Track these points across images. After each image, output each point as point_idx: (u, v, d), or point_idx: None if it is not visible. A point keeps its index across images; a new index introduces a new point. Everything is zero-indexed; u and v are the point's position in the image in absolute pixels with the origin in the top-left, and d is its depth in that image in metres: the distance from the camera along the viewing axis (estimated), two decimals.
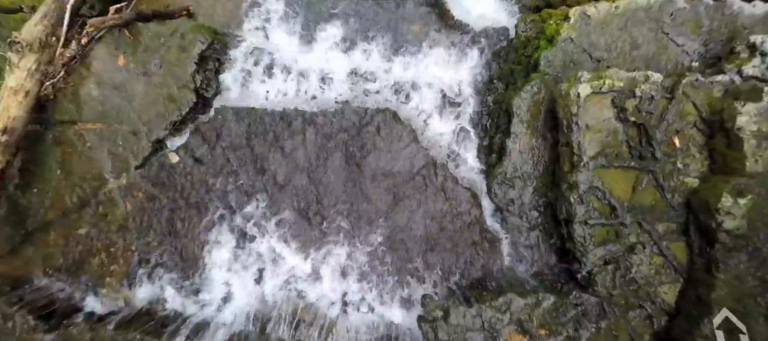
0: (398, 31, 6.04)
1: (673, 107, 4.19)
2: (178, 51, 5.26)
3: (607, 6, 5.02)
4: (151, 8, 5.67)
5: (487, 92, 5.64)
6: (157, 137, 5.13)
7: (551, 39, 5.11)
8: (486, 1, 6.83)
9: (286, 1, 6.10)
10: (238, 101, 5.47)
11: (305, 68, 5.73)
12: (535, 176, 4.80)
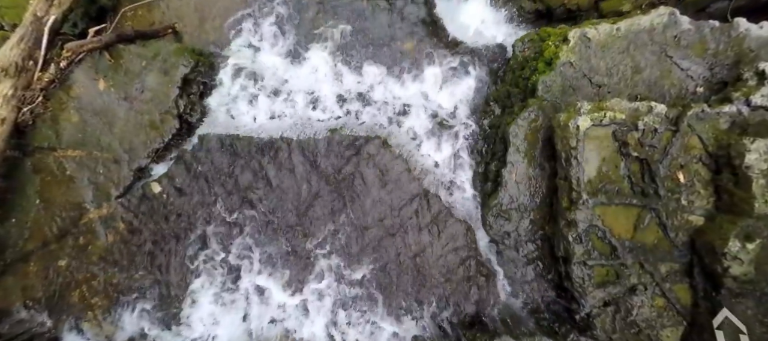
0: (390, 49, 5.82)
1: (677, 140, 3.97)
2: (160, 75, 5.05)
3: (609, 28, 4.79)
4: (133, 28, 5.46)
5: (482, 115, 5.42)
6: (139, 166, 4.94)
7: (550, 62, 4.88)
8: (483, 17, 6.64)
9: (275, 20, 5.88)
10: (224, 126, 5.27)
11: (294, 90, 5.52)
12: (532, 207, 4.60)
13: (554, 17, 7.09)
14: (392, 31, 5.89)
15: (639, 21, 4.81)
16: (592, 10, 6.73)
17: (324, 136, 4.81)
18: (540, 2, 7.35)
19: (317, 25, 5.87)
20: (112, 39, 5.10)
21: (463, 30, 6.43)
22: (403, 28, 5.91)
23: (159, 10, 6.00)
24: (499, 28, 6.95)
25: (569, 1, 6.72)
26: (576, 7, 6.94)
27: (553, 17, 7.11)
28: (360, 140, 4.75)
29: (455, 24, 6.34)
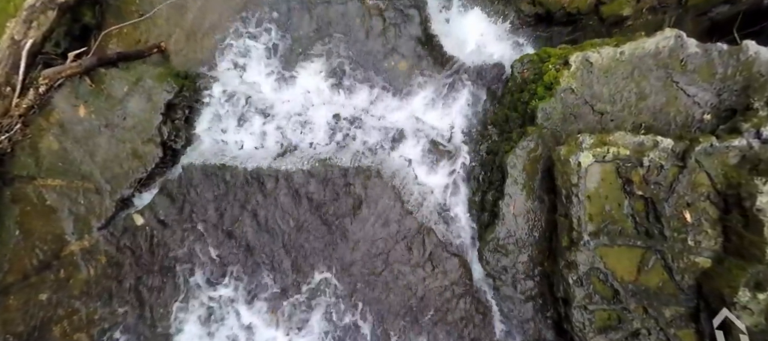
0: (384, 69, 5.60)
1: (684, 177, 3.75)
2: (142, 101, 4.84)
3: (612, 51, 4.56)
4: (116, 50, 5.25)
5: (479, 140, 5.21)
6: (121, 196, 4.74)
7: (550, 87, 4.66)
8: (480, 32, 6.41)
9: (265, 39, 5.66)
10: (210, 152, 5.06)
11: (283, 114, 5.31)
12: (531, 242, 4.39)
13: (554, 21, 6.96)
14: (386, 51, 5.67)
15: (644, 44, 4.57)
16: (592, 14, 6.62)
17: (313, 167, 4.60)
18: (539, 5, 6.93)
19: (308, 44, 5.65)
20: (93, 63, 4.89)
21: (460, 47, 6.19)
22: (397, 47, 5.68)
23: (145, 27, 5.79)
24: (498, 44, 6.72)
25: (569, 5, 6.57)
26: (576, 11, 6.64)
27: (552, 21, 6.98)
28: (351, 172, 4.55)
29: (452, 41, 6.10)
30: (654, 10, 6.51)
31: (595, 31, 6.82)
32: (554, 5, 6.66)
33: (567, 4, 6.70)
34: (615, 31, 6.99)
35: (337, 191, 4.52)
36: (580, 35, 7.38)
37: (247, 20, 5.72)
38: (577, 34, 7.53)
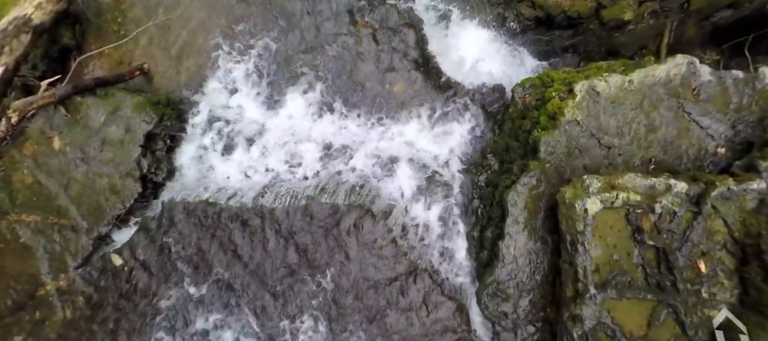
0: (378, 92, 5.30)
1: (699, 224, 3.47)
2: (120, 132, 4.56)
3: (620, 80, 4.27)
4: (93, 75, 4.96)
5: (478, 169, 4.92)
6: (99, 233, 4.49)
7: (553, 117, 4.37)
8: (479, 51, 6.11)
9: (252, 60, 5.37)
10: (194, 184, 4.79)
11: (271, 142, 5.03)
12: (533, 286, 4.12)
13: (554, 25, 6.77)
14: (380, 72, 5.37)
15: (654, 72, 4.28)
16: (592, 18, 6.41)
17: (301, 204, 4.32)
18: (540, 9, 6.71)
19: (298, 65, 5.35)
20: (68, 91, 4.61)
21: (458, 66, 5.90)
22: (392, 68, 5.38)
23: (128, 47, 5.50)
24: (498, 64, 6.42)
25: (570, 9, 6.38)
26: (576, 14, 6.43)
27: (553, 25, 6.79)
28: (341, 210, 4.27)
29: (450, 61, 5.80)
30: (655, 14, 6.37)
31: (596, 35, 6.70)
32: (555, 9, 6.45)
33: (568, 7, 6.48)
34: (616, 35, 6.65)
35: (327, 230, 4.25)
36: (581, 39, 6.90)
37: (234, 41, 5.43)
38: (577, 38, 7.09)
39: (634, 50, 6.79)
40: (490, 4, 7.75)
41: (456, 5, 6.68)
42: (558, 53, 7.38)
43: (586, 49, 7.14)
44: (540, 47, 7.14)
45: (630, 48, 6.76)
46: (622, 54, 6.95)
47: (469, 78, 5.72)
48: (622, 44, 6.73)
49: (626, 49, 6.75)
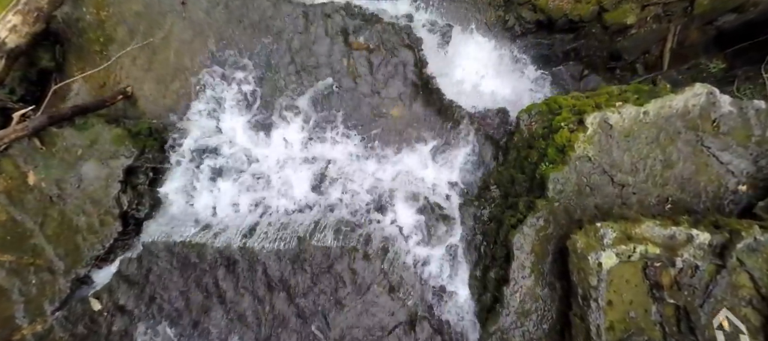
0: (375, 117, 5.00)
1: (722, 278, 3.18)
2: (98, 166, 4.27)
3: (634, 111, 3.95)
4: (70, 104, 4.66)
5: (481, 202, 4.63)
6: (77, 275, 4.21)
7: (562, 150, 4.06)
8: (481, 70, 5.81)
9: (241, 83, 5.06)
10: (179, 219, 4.50)
11: (261, 172, 4.73)
12: (540, 336, 3.84)
13: (556, 28, 6.72)
14: (376, 96, 5.06)
15: (671, 102, 3.97)
16: (594, 22, 6.38)
17: (291, 246, 4.03)
18: (541, 12, 6.64)
19: (288, 89, 5.04)
20: (43, 122, 4.31)
21: (459, 86, 5.60)
22: (389, 91, 5.07)
23: (109, 68, 5.19)
24: (501, 79, 6.14)
25: (571, 12, 6.28)
26: (579, 18, 6.37)
27: (554, 28, 6.74)
28: (334, 253, 3.98)
29: (450, 80, 5.51)
30: (659, 18, 6.23)
31: (597, 39, 6.66)
32: (556, 12, 6.34)
33: (569, 11, 6.40)
34: (618, 39, 6.53)
35: (318, 275, 3.97)
36: (583, 43, 6.81)
37: (222, 63, 5.12)
38: (579, 42, 6.84)
39: (636, 55, 6.69)
40: (491, 7, 7.57)
41: (456, 20, 6.39)
42: (560, 58, 7.15)
43: (588, 54, 6.92)
44: (541, 51, 7.08)
45: (632, 52, 6.65)
46: (625, 59, 6.76)
47: (471, 99, 5.42)
48: (624, 49, 6.60)
49: (629, 54, 6.65)
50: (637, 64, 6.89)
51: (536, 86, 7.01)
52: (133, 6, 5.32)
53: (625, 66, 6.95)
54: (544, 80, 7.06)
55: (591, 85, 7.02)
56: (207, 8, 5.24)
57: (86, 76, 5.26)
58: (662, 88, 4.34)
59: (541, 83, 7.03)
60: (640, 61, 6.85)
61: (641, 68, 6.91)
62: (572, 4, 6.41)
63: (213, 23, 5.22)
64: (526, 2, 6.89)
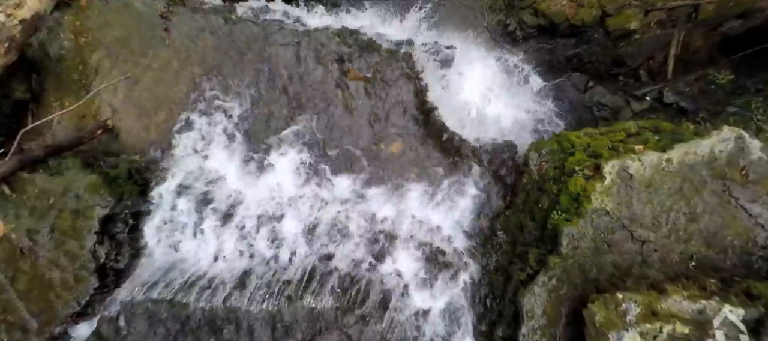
0: (372, 153, 4.67)
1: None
2: (72, 217, 3.94)
3: (656, 159, 3.61)
4: (43, 145, 4.31)
5: (488, 250, 4.30)
6: (51, 334, 3.89)
7: (577, 198, 3.73)
8: (485, 95, 5.49)
9: (229, 116, 4.73)
10: (162, 268, 4.17)
11: (250, 216, 4.40)
12: None
13: (558, 33, 6.61)
14: (374, 129, 4.73)
15: (696, 149, 3.63)
16: (597, 27, 6.25)
17: (281, 307, 3.71)
18: (542, 17, 6.53)
19: (280, 123, 4.71)
20: (13, 167, 3.97)
21: (462, 117, 5.26)
22: (387, 125, 4.73)
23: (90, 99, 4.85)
24: (506, 107, 5.80)
25: (574, 17, 6.20)
26: (581, 23, 6.23)
27: (556, 33, 6.63)
28: (327, 316, 3.66)
29: (453, 108, 5.17)
30: (662, 24, 6.07)
31: (600, 45, 6.51)
32: (558, 17, 6.27)
33: (571, 16, 6.28)
34: (622, 45, 6.35)
35: (311, 339, 3.65)
36: (585, 49, 6.65)
37: (209, 94, 4.78)
38: (581, 47, 6.69)
39: (640, 61, 6.46)
40: (492, 12, 7.28)
41: (458, 41, 6.04)
42: (562, 64, 6.95)
43: (591, 60, 6.72)
44: (543, 56, 6.92)
45: (636, 59, 6.44)
46: (628, 65, 6.56)
47: (476, 128, 5.09)
48: (627, 55, 6.39)
49: (632, 60, 6.44)
50: (641, 70, 6.70)
51: (541, 99, 6.73)
52: (114, 32, 4.97)
53: (629, 72, 6.76)
54: (548, 94, 6.76)
55: (596, 97, 6.71)
56: (192, 35, 4.89)
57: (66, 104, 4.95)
58: (684, 128, 4.00)
59: (546, 96, 6.74)
60: (643, 68, 6.67)
61: (645, 75, 6.73)
62: (574, 9, 6.36)
63: (199, 51, 4.87)
64: (527, 6, 6.83)
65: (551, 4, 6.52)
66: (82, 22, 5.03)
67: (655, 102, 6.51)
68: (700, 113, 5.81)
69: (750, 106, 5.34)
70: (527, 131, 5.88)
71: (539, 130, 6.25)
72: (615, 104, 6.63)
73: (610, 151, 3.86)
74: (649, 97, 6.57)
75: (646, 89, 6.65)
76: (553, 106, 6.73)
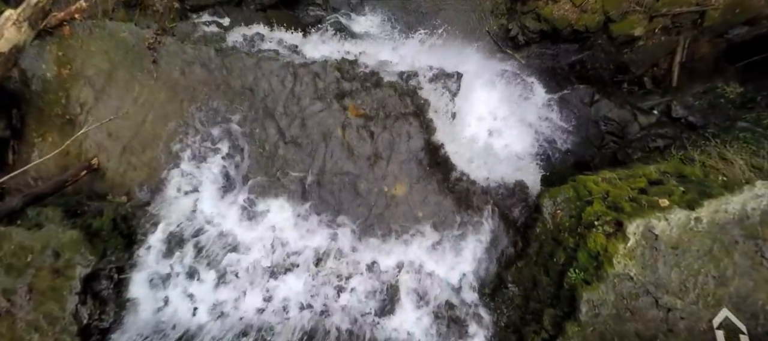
0: (375, 197, 4.38)
1: None
2: (52, 276, 3.65)
3: (684, 218, 3.34)
4: (21, 195, 4.00)
5: (498, 304, 4.04)
6: None
7: (596, 257, 3.46)
8: (493, 117, 5.21)
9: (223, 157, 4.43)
10: (152, 326, 3.90)
11: (244, 265, 4.12)
12: None
13: (561, 39, 6.48)
14: (377, 170, 4.43)
15: (727, 206, 3.35)
16: (601, 33, 6.18)
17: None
18: (545, 22, 6.42)
19: (276, 164, 4.41)
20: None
21: (470, 151, 4.96)
22: (391, 165, 4.44)
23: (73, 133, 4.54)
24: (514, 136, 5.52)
25: (577, 22, 6.09)
26: (584, 28, 6.14)
27: (559, 38, 6.50)
28: None
29: (459, 143, 4.87)
30: (667, 30, 5.98)
31: (604, 51, 6.39)
32: (561, 22, 6.16)
33: (575, 21, 6.15)
34: (625, 51, 6.23)
35: None
36: (589, 55, 6.55)
37: (200, 131, 4.47)
38: (584, 53, 6.60)
39: (644, 68, 6.34)
40: (494, 16, 7.12)
41: (464, 66, 5.74)
42: (565, 71, 6.80)
43: (594, 66, 6.59)
44: (545, 62, 6.80)
45: (640, 65, 6.31)
46: (632, 72, 6.41)
47: (485, 165, 4.79)
48: (631, 61, 6.31)
49: (636, 67, 6.31)
50: (645, 77, 6.48)
51: (547, 113, 6.51)
52: (99, 63, 4.65)
53: (633, 79, 6.56)
54: (553, 107, 6.55)
55: (602, 111, 6.52)
56: (182, 67, 4.56)
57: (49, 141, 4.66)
58: (713, 179, 3.71)
59: (551, 110, 6.54)
60: (648, 75, 6.57)
61: (649, 82, 6.52)
62: (578, 14, 6.20)
63: (189, 85, 4.55)
64: (530, 11, 6.69)
65: (554, 8, 6.38)
66: (64, 53, 4.70)
67: (662, 116, 6.33)
68: (710, 128, 5.63)
69: (761, 121, 5.09)
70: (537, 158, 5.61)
71: (549, 154, 6.03)
72: (622, 118, 6.47)
73: (631, 204, 3.58)
74: (656, 110, 6.37)
75: (653, 101, 6.47)
76: (559, 120, 6.53)
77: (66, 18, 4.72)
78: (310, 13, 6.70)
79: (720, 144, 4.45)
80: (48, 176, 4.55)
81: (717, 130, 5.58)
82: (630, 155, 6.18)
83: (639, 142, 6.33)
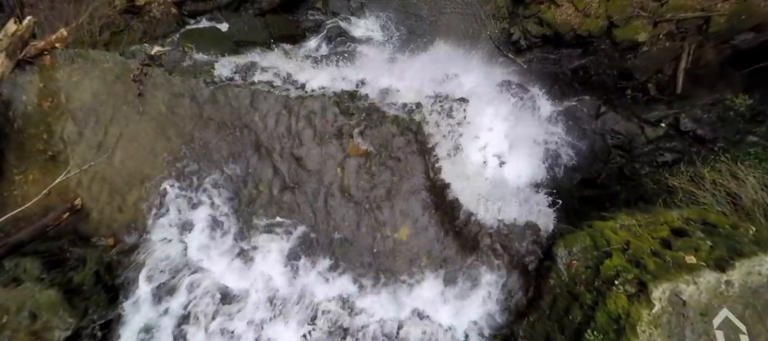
0: (376, 241, 4.11)
1: None
2: (28, 338, 3.38)
3: (714, 282, 3.07)
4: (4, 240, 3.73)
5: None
6: None
7: (617, 321, 3.20)
8: (499, 144, 4.92)
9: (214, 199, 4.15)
10: None
11: (237, 317, 3.86)
12: None
13: (563, 43, 6.39)
14: (378, 214, 4.14)
15: (760, 268, 3.06)
16: (604, 38, 6.11)
17: None
18: (547, 26, 6.33)
19: (270, 208, 4.13)
20: None
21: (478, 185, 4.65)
22: (393, 207, 4.15)
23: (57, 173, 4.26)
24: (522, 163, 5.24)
25: (580, 27, 6.00)
26: (587, 33, 6.05)
27: (561, 43, 6.41)
28: None
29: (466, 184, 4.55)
30: (672, 36, 5.85)
31: (607, 56, 6.29)
32: (563, 27, 6.08)
33: (577, 25, 6.08)
34: (629, 57, 6.12)
35: None
36: (592, 60, 6.42)
37: (189, 169, 4.20)
38: (587, 58, 6.46)
39: (648, 74, 6.23)
40: (495, 20, 7.02)
41: (466, 74, 5.48)
42: (568, 76, 6.68)
43: (597, 72, 6.46)
44: (548, 67, 6.71)
45: (644, 72, 6.21)
46: (636, 78, 6.25)
47: (493, 211, 4.46)
48: (635, 67, 6.21)
49: (640, 73, 6.21)
50: (649, 84, 6.32)
51: (552, 127, 6.32)
52: (82, 96, 4.37)
53: (636, 86, 6.40)
54: (559, 121, 6.37)
55: (609, 124, 6.44)
56: (169, 101, 4.28)
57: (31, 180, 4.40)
58: (743, 232, 3.41)
59: (557, 123, 6.36)
60: (652, 82, 6.28)
61: (653, 89, 6.34)
62: (580, 19, 6.10)
63: (177, 120, 4.26)
64: (532, 15, 6.59)
65: (556, 13, 6.28)
66: (46, 85, 4.42)
67: (670, 129, 6.16)
68: (719, 143, 5.52)
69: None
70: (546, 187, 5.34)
71: (558, 176, 5.81)
72: (628, 131, 6.33)
73: (654, 260, 3.30)
74: (664, 123, 6.20)
75: (660, 111, 6.25)
76: (566, 134, 6.35)
77: (46, 47, 4.43)
78: (309, 17, 6.47)
79: (730, 160, 4.23)
80: (29, 216, 4.28)
81: (727, 144, 5.41)
82: (637, 170, 6.02)
83: (647, 156, 6.21)
